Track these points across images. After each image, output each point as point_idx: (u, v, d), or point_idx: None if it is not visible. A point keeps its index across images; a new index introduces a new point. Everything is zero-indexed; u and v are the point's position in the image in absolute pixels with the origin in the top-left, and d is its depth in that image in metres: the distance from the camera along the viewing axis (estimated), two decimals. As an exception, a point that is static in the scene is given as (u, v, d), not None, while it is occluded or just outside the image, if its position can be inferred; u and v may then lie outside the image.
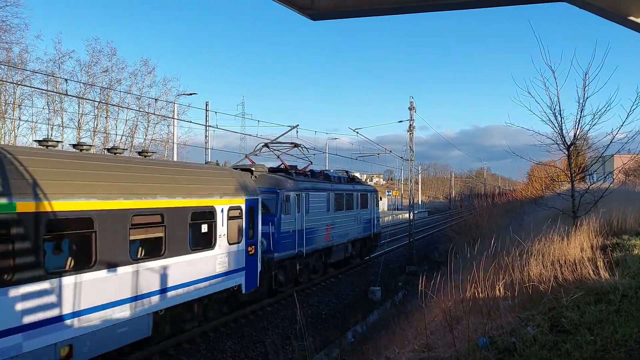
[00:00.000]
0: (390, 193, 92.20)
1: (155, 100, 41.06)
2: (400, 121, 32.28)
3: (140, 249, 11.49)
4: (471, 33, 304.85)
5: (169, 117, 41.12)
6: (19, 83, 34.21)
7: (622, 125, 12.14)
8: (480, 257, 8.56)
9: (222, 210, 14.01)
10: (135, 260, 10.93)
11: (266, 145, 21.09)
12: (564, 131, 13.08)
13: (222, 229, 14.00)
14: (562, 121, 12.94)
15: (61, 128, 40.17)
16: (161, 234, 11.66)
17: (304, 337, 8.31)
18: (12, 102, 35.75)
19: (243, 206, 15.15)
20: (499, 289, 7.83)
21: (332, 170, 26.40)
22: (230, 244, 14.40)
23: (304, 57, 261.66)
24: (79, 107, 41.05)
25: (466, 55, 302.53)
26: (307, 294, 21.07)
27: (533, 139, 13.54)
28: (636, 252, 9.15)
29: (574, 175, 13.64)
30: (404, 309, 15.69)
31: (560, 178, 18.59)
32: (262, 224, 16.32)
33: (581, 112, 12.58)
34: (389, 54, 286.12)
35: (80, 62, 44.00)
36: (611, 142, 12.66)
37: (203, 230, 13.32)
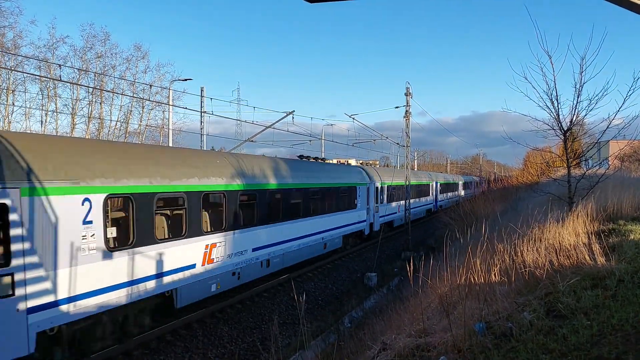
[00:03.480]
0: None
1: (150, 86, 40.83)
2: (397, 107, 32.17)
3: (319, 209, 21.72)
4: (469, 17, 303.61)
5: (164, 103, 40.92)
6: (12, 69, 33.90)
7: (618, 111, 12.11)
8: (476, 243, 8.56)
9: (358, 188, 26.36)
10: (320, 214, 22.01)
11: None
12: (560, 117, 13.07)
13: (358, 198, 26.36)
14: (559, 106, 12.92)
15: (55, 114, 39.95)
16: (333, 201, 23.25)
17: (301, 322, 8.32)
18: (5, 88, 35.46)
19: (367, 187, 27.78)
20: (495, 275, 7.84)
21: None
22: (360, 208, 26.66)
23: (300, 43, 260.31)
24: (72, 93, 40.82)
25: (465, 40, 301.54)
26: (303, 280, 21.14)
27: (530, 125, 13.53)
28: (632, 237, 9.17)
29: (570, 160, 13.64)
30: (400, 294, 15.75)
31: (556, 164, 18.60)
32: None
33: (578, 97, 12.54)
34: (387, 40, 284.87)
35: (74, 48, 43.77)
36: (607, 127, 12.65)
37: (349, 198, 25.15)
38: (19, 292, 8.69)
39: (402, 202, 34.98)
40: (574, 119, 13.01)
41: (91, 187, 10.08)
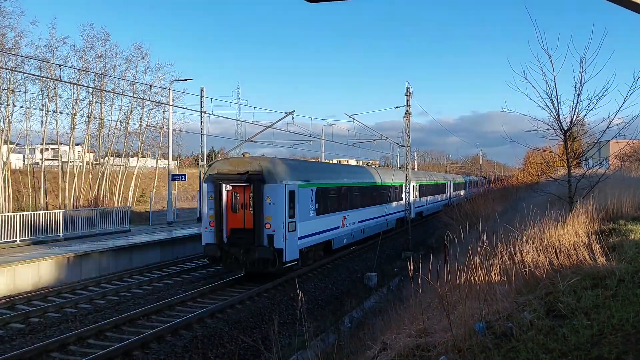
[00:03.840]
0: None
1: (150, 86, 40.82)
2: (397, 107, 32.17)
3: (389, 198, 32.66)
4: (469, 16, 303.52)
5: (164, 104, 40.91)
6: (13, 69, 33.91)
7: (618, 110, 12.08)
8: (476, 243, 8.56)
9: (413, 186, 35.67)
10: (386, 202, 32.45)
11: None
12: (560, 116, 13.04)
13: (403, 194, 34.87)
14: (559, 106, 12.89)
15: (55, 114, 39.95)
16: (394, 195, 33.35)
17: (302, 322, 8.31)
18: (5, 89, 35.45)
19: (404, 185, 34.81)
20: (495, 274, 7.83)
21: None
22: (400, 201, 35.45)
23: (300, 43, 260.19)
24: (72, 93, 40.82)
25: (465, 40, 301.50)
26: (303, 280, 21.12)
27: (530, 125, 13.51)
28: (632, 237, 9.16)
29: (570, 160, 13.62)
30: (400, 294, 15.74)
31: (556, 163, 18.58)
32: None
33: (578, 97, 12.51)
34: (387, 40, 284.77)
35: (74, 48, 43.78)
36: (608, 127, 12.63)
37: (399, 193, 34.70)
38: (298, 229, 19.58)
39: (430, 197, 45.88)
40: (574, 118, 12.99)
41: (311, 184, 21.24)
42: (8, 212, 31.89)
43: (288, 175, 19.49)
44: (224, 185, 19.11)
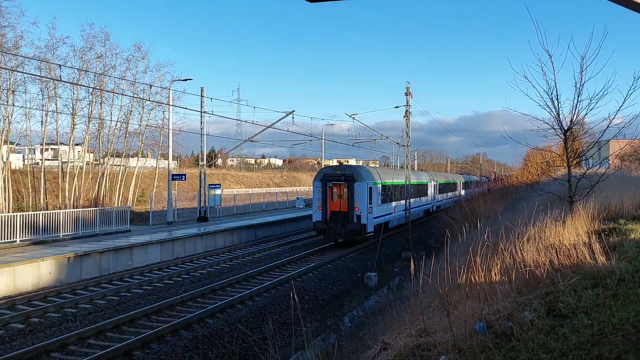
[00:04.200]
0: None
1: (150, 86, 40.78)
2: (397, 107, 32.15)
3: (419, 194, 42.77)
4: (469, 16, 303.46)
5: (164, 104, 40.90)
6: (13, 69, 33.89)
7: (619, 110, 12.05)
8: (476, 243, 8.55)
9: (428, 184, 46.10)
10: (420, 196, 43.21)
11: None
12: (560, 116, 13.02)
13: (428, 190, 45.79)
14: (559, 106, 12.87)
15: (55, 114, 39.93)
16: (424, 191, 44.53)
17: (301, 323, 8.31)
18: (5, 89, 35.42)
19: (432, 184, 46.66)
20: (495, 274, 7.83)
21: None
22: (429, 196, 46.22)
23: (300, 43, 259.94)
24: (72, 93, 40.80)
25: (465, 39, 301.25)
26: (303, 280, 21.14)
27: (530, 124, 13.49)
28: (633, 237, 9.15)
29: (570, 160, 13.61)
30: (401, 294, 15.74)
31: (556, 163, 18.57)
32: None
33: (578, 97, 12.47)
34: (387, 40, 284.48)
35: (74, 48, 43.73)
36: (608, 126, 12.60)
37: (427, 190, 45.45)
38: (373, 212, 29.09)
39: (447, 193, 55.32)
40: (574, 118, 12.96)
41: (379, 182, 30.91)
42: (8, 212, 31.87)
43: (367, 177, 29.37)
44: (328, 183, 29.13)
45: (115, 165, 46.46)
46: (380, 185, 31.37)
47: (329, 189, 29.18)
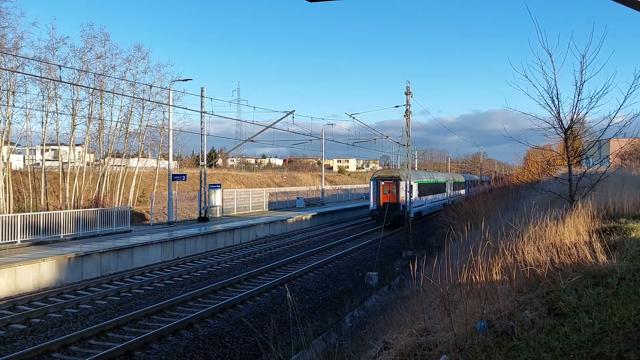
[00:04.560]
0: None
1: (150, 86, 40.78)
2: (397, 106, 32.20)
3: (452, 190, 59.70)
4: (469, 16, 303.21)
5: (164, 104, 40.89)
6: (13, 70, 33.89)
7: (619, 109, 12.06)
8: (477, 242, 8.55)
9: (446, 183, 57.29)
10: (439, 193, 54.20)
11: None
12: (561, 115, 13.03)
13: (446, 188, 56.65)
14: (560, 105, 12.88)
15: (56, 115, 39.93)
16: (442, 188, 55.32)
17: (302, 322, 8.31)
18: (6, 89, 35.43)
19: (447, 183, 57.36)
20: (496, 273, 7.82)
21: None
22: (446, 193, 56.79)
23: (300, 42, 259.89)
24: (73, 94, 40.80)
25: (466, 39, 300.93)
26: (304, 280, 21.14)
27: (530, 123, 13.50)
28: (633, 235, 9.14)
29: (571, 159, 13.61)
30: (401, 293, 15.74)
31: (556, 162, 18.57)
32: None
33: (578, 96, 12.48)
34: (387, 39, 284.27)
35: (74, 49, 43.71)
36: (608, 125, 12.61)
37: (444, 188, 56.20)
38: (411, 204, 35.47)
39: (459, 191, 63.71)
40: (574, 117, 12.97)
41: (416, 181, 41.46)
42: (9, 213, 31.89)
43: (409, 177, 35.74)
44: (380, 182, 39.95)
45: (115, 165, 46.48)
46: (417, 184, 41.92)
47: (382, 186, 39.85)
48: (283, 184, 75.72)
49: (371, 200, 40.33)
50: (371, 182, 40.86)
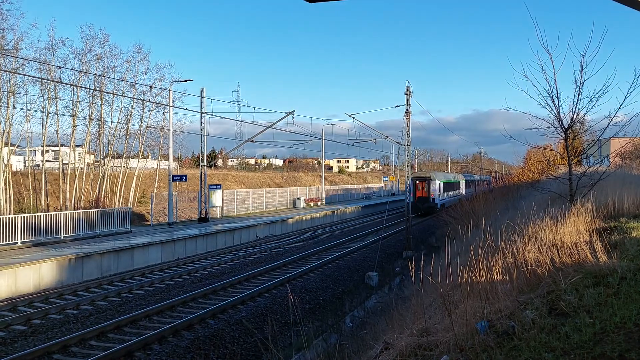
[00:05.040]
0: (386, 179, 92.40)
1: (150, 87, 40.80)
2: (397, 106, 32.19)
3: (465, 188, 69.07)
4: (469, 15, 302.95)
5: (164, 104, 40.90)
6: (13, 71, 33.89)
7: (619, 108, 12.05)
8: (477, 242, 8.53)
9: (460, 182, 67.54)
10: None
11: None
12: (561, 114, 13.03)
13: (460, 185, 67.09)
14: (559, 104, 12.87)
15: (56, 116, 39.95)
16: (457, 185, 66.47)
17: (302, 323, 8.31)
18: (6, 91, 35.44)
19: (461, 181, 68.17)
20: (497, 273, 7.81)
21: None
22: (461, 190, 66.64)
23: (300, 43, 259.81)
24: (73, 95, 40.81)
25: (466, 38, 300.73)
26: (305, 280, 21.13)
27: (531, 123, 13.49)
28: (634, 235, 9.12)
29: (571, 158, 13.60)
30: (402, 293, 15.74)
31: (557, 161, 18.57)
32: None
33: (578, 95, 12.48)
34: (387, 39, 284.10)
35: (74, 50, 43.70)
36: (608, 124, 12.60)
37: (460, 186, 67.34)
38: (437, 198, 52.97)
39: (470, 188, 67.34)
40: (574, 116, 12.96)
41: (442, 180, 55.30)
42: (9, 214, 31.90)
43: (436, 177, 49.72)
44: (416, 181, 49.57)
45: (115, 166, 46.50)
46: (442, 183, 54.83)
47: (417, 185, 51.37)
48: (283, 184, 75.71)
49: (408, 195, 50.42)
50: (409, 182, 48.25)
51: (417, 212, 47.89)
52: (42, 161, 42.17)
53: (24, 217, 24.06)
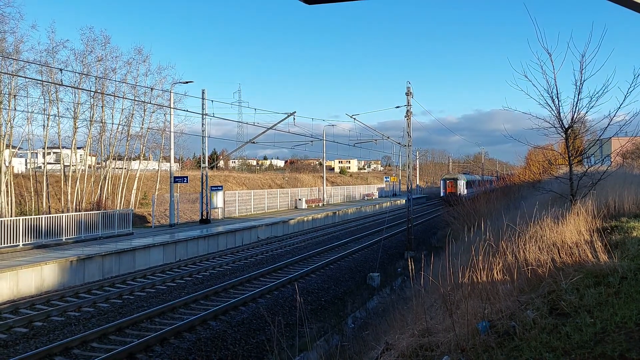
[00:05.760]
0: (388, 179, 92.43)
1: (151, 89, 40.83)
2: (398, 107, 32.20)
3: (470, 186, 72.73)
4: (469, 15, 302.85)
5: (165, 106, 40.94)
6: (14, 74, 33.95)
7: (619, 108, 12.04)
8: (478, 242, 8.53)
9: (477, 181, 72.77)
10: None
11: None
12: (561, 114, 13.03)
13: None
14: (560, 104, 12.87)
15: (57, 118, 39.99)
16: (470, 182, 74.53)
17: (305, 324, 8.31)
18: (7, 93, 35.49)
19: (471, 180, 73.84)
20: (497, 273, 7.81)
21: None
22: (471, 188, 72.12)
23: (300, 44, 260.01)
24: (74, 97, 40.85)
25: (466, 38, 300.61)
26: (306, 281, 21.14)
27: (531, 123, 13.49)
28: (635, 234, 9.12)
29: (571, 158, 13.60)
30: (403, 294, 15.73)
31: (557, 161, 18.56)
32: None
33: (578, 95, 12.47)
34: (388, 40, 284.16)
35: (74, 52, 43.78)
36: (609, 124, 12.59)
37: (472, 184, 72.31)
38: (462, 193, 64.02)
39: (473, 188, 75.94)
40: (575, 116, 12.96)
41: (466, 179, 70.15)
42: (11, 216, 31.94)
43: (461, 178, 68.08)
44: (446, 180, 68.22)
45: (117, 168, 46.53)
46: (465, 181, 67.62)
47: (447, 183, 66.09)
48: (285, 185, 75.72)
49: (442, 191, 67.58)
50: (441, 181, 69.73)
51: (448, 203, 55.26)
52: (44, 163, 42.23)
53: (25, 219, 24.09)
